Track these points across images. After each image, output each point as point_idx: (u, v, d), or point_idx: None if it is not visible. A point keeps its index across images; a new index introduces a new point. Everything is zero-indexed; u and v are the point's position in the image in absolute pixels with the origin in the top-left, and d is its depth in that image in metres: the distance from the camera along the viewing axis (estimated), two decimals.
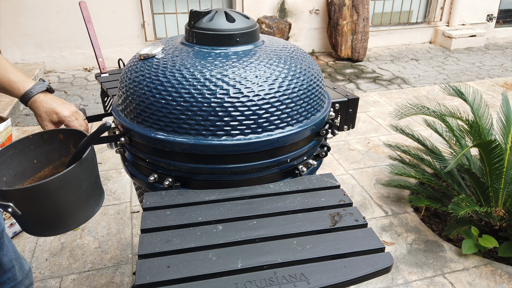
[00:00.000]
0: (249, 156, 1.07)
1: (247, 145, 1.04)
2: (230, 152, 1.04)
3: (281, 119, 1.08)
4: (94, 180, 0.93)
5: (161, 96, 1.04)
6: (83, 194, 0.88)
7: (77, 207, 0.88)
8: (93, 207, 0.93)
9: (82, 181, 0.87)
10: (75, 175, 0.84)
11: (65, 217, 0.87)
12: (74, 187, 0.85)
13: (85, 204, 0.90)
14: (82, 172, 0.86)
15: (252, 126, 1.04)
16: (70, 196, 0.85)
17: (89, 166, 0.89)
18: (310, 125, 1.14)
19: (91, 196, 0.92)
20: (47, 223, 0.86)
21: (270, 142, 1.06)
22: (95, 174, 0.93)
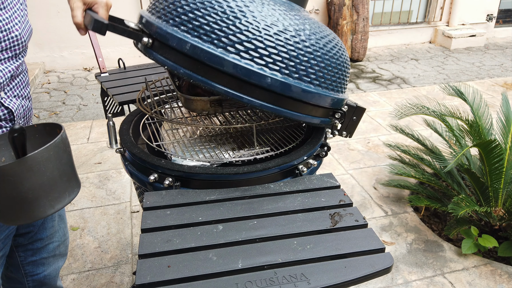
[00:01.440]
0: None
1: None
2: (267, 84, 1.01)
3: (316, 75, 1.07)
4: (47, 181, 0.87)
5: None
6: (28, 193, 0.85)
7: (21, 204, 0.85)
8: (45, 208, 0.88)
9: (23, 180, 0.83)
10: (12, 173, 0.81)
11: (12, 210, 0.86)
12: (13, 184, 0.82)
13: (32, 203, 0.87)
14: (22, 171, 0.82)
15: (290, 65, 1.03)
16: (9, 191, 0.83)
17: (36, 166, 0.84)
18: (332, 96, 1.14)
19: (40, 197, 0.87)
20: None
21: (300, 90, 1.04)
22: (50, 175, 0.88)
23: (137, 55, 5.26)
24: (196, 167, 1.16)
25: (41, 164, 0.85)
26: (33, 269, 1.35)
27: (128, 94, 1.65)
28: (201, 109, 1.27)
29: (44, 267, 1.37)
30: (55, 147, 0.86)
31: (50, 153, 0.85)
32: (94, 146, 3.30)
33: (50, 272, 1.39)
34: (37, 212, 0.87)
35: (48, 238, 1.34)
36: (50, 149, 0.85)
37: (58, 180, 0.90)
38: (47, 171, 0.87)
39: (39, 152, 0.83)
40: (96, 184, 2.80)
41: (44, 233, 1.32)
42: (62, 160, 0.89)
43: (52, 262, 1.38)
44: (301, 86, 1.06)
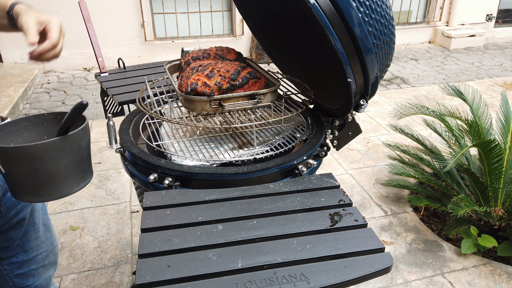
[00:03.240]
0: None
1: None
2: None
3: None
4: (78, 160, 0.93)
5: None
6: (63, 169, 0.90)
7: (54, 180, 0.90)
8: (72, 186, 0.94)
9: (63, 156, 0.88)
10: (55, 148, 0.86)
11: (42, 186, 0.90)
12: (54, 159, 0.87)
13: (63, 180, 0.91)
14: (63, 147, 0.87)
15: None
16: (48, 166, 0.87)
17: (73, 145, 0.90)
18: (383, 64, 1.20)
19: (71, 174, 0.92)
20: (25, 187, 0.90)
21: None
22: (81, 155, 0.94)
23: (136, 55, 5.26)
24: (196, 167, 1.16)
25: (77, 143, 0.91)
26: (23, 281, 1.32)
27: (128, 94, 1.65)
28: (200, 109, 1.27)
29: (35, 278, 1.34)
30: (86, 129, 0.92)
31: (83, 133, 0.91)
32: (94, 146, 3.30)
33: (41, 282, 1.36)
34: (65, 189, 0.93)
35: (34, 249, 1.30)
36: (84, 129, 0.91)
37: (85, 160, 0.96)
38: (80, 150, 0.93)
39: (77, 132, 0.89)
40: (96, 184, 2.80)
41: (28, 245, 1.28)
42: (88, 143, 0.96)
43: (43, 273, 1.35)
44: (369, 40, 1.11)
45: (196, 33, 5.44)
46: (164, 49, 5.31)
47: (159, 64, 1.98)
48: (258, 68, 1.48)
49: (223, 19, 5.49)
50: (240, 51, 1.63)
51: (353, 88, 1.17)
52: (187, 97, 1.26)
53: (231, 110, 1.29)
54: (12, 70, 4.65)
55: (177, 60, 1.61)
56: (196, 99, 1.25)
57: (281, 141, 1.37)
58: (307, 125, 1.46)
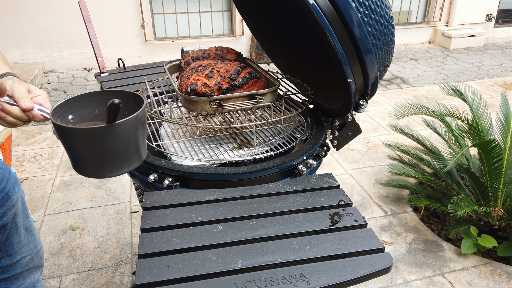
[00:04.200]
0: None
1: None
2: None
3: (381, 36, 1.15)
4: (124, 145, 0.96)
5: None
6: (110, 152, 0.94)
7: (112, 159, 0.95)
8: (125, 167, 0.98)
9: (109, 141, 0.92)
10: (100, 134, 0.90)
11: (102, 165, 0.95)
12: (100, 143, 0.91)
13: (109, 161, 0.95)
14: (107, 134, 0.90)
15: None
16: (106, 147, 0.92)
17: (124, 131, 0.92)
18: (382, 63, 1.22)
19: (117, 158, 0.96)
20: (81, 163, 0.95)
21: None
22: (133, 141, 0.97)
23: (136, 55, 5.26)
24: (196, 167, 1.17)
25: (125, 131, 0.94)
26: (7, 285, 1.30)
27: None
28: (200, 109, 1.27)
29: (19, 282, 1.32)
30: (132, 120, 0.93)
31: (130, 123, 0.93)
32: None
33: (26, 285, 1.35)
34: (143, 155, 1.00)
35: (17, 253, 1.28)
36: (130, 120, 0.92)
37: (142, 143, 1.00)
38: (141, 130, 0.98)
39: (122, 122, 0.91)
40: (95, 184, 2.80)
41: (12, 249, 1.26)
42: (138, 130, 0.97)
43: (27, 276, 1.33)
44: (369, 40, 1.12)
45: (196, 33, 5.44)
46: (164, 49, 5.31)
47: (159, 64, 1.98)
48: (258, 68, 1.48)
49: (223, 19, 5.49)
50: (240, 51, 1.63)
51: (353, 88, 1.17)
52: (187, 97, 1.26)
53: (231, 110, 1.29)
54: (12, 70, 4.65)
55: (177, 60, 1.61)
56: (196, 99, 1.25)
57: (281, 141, 1.37)
58: (307, 125, 1.46)
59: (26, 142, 3.37)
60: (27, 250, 1.32)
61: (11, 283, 1.30)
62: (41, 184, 2.80)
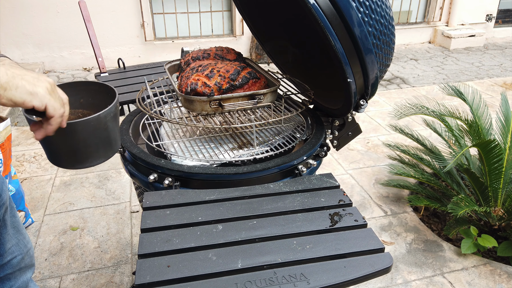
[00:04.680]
0: None
1: None
2: None
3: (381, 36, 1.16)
4: (94, 142, 1.01)
5: None
6: (78, 148, 0.99)
7: (87, 151, 1.00)
8: (100, 158, 1.05)
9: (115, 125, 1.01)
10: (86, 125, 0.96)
11: (61, 158, 1.01)
12: (66, 139, 0.96)
13: (94, 151, 1.02)
14: (90, 126, 0.96)
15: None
16: (65, 143, 0.97)
17: (97, 125, 0.98)
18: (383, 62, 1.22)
19: (100, 148, 1.03)
20: (61, 155, 1.01)
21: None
22: (106, 134, 1.02)
23: (136, 55, 5.26)
24: (196, 167, 1.17)
25: (117, 113, 1.04)
26: (1, 285, 1.31)
27: (127, 94, 1.65)
28: (200, 109, 1.27)
29: (11, 282, 1.32)
30: (106, 113, 0.99)
31: (102, 117, 0.98)
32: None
33: (18, 285, 1.35)
34: (110, 152, 1.07)
35: (7, 253, 1.28)
36: (103, 116, 0.98)
37: (117, 131, 1.07)
38: (117, 120, 1.05)
39: (105, 111, 0.98)
40: (95, 184, 2.80)
41: (2, 249, 1.26)
42: (110, 121, 1.03)
43: (19, 276, 1.33)
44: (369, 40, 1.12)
45: (196, 33, 5.44)
46: (164, 49, 5.31)
47: (159, 64, 1.98)
48: (258, 68, 1.48)
49: (223, 19, 5.49)
50: (240, 51, 1.63)
51: (353, 88, 1.17)
52: (187, 97, 1.26)
53: (231, 110, 1.29)
54: None
55: (177, 60, 1.61)
56: (196, 99, 1.25)
57: (281, 141, 1.37)
58: (307, 125, 1.46)
59: (26, 142, 3.37)
60: (18, 250, 1.31)
61: (3, 284, 1.30)
62: (41, 184, 2.80)
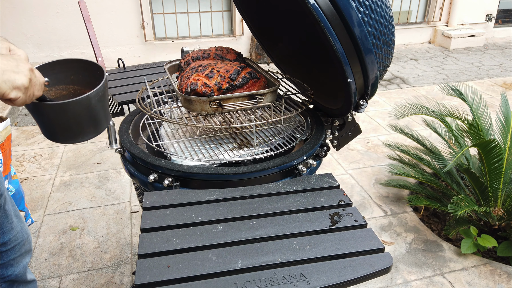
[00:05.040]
0: None
1: None
2: None
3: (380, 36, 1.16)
4: (86, 120, 1.05)
5: None
6: (70, 125, 1.03)
7: (79, 127, 1.04)
8: (91, 133, 1.08)
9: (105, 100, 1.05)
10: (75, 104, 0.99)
11: (56, 134, 1.05)
12: (58, 117, 1.00)
13: (85, 127, 1.05)
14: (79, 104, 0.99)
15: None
16: (57, 121, 1.01)
17: (72, 109, 1.01)
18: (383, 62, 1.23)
19: (90, 124, 1.06)
20: (52, 130, 1.05)
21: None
22: (95, 111, 1.05)
23: (136, 55, 5.26)
24: (196, 167, 1.17)
25: (106, 91, 1.08)
26: (3, 271, 1.36)
27: (127, 94, 1.65)
28: (200, 109, 1.27)
29: (14, 268, 1.39)
30: (92, 96, 1.02)
31: (89, 97, 1.01)
32: (93, 146, 3.30)
33: (20, 270, 1.41)
34: (100, 127, 1.09)
35: (11, 240, 1.33)
36: (91, 96, 1.01)
37: (107, 108, 1.10)
38: (106, 98, 1.09)
39: (94, 91, 1.01)
40: (95, 184, 2.80)
41: (6, 237, 1.32)
42: (99, 99, 1.06)
43: (20, 261, 1.39)
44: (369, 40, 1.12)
45: (196, 33, 5.44)
46: (164, 49, 5.31)
47: (159, 64, 1.98)
48: (258, 68, 1.48)
49: (223, 19, 5.49)
50: (240, 51, 1.63)
51: (353, 88, 1.17)
52: (186, 97, 1.26)
53: (231, 110, 1.29)
54: None
55: (177, 60, 1.61)
56: (195, 99, 1.25)
57: (281, 141, 1.37)
58: (307, 125, 1.46)
59: (26, 142, 3.37)
60: (20, 237, 1.37)
61: (7, 270, 1.36)
62: (41, 184, 2.80)
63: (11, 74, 0.84)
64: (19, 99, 0.86)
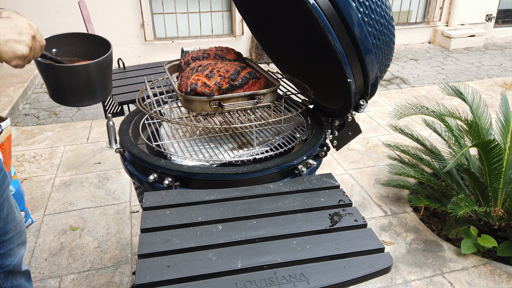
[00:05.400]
0: None
1: None
2: None
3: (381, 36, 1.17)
4: (93, 84, 1.13)
5: None
6: (79, 87, 1.11)
7: (86, 91, 1.12)
8: (96, 98, 1.16)
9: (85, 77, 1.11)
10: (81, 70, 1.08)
11: (66, 96, 1.12)
12: (70, 79, 1.08)
13: (92, 92, 1.13)
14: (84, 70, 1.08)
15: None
16: (68, 83, 1.09)
17: (83, 73, 1.09)
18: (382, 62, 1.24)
19: (97, 89, 1.14)
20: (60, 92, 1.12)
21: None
22: (102, 78, 1.14)
23: (136, 55, 5.26)
24: (196, 167, 1.17)
25: (112, 61, 1.17)
26: (2, 261, 1.38)
27: (127, 94, 1.65)
28: (200, 109, 1.27)
29: (11, 258, 1.41)
30: (97, 63, 1.11)
31: (96, 65, 1.10)
32: (93, 146, 3.30)
33: (17, 261, 1.43)
34: (104, 94, 1.17)
35: (12, 230, 1.37)
36: (97, 64, 1.10)
37: (111, 78, 1.19)
38: (111, 68, 1.19)
39: (104, 58, 1.11)
40: (95, 184, 2.80)
41: (8, 226, 1.35)
42: (105, 68, 1.15)
43: (17, 252, 1.41)
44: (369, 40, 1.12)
45: (196, 33, 5.45)
46: (164, 49, 5.31)
47: (159, 64, 1.98)
48: (258, 68, 1.48)
49: (223, 19, 5.49)
50: (240, 51, 1.63)
51: (353, 88, 1.17)
52: (186, 97, 1.26)
53: (231, 110, 1.29)
54: (12, 70, 4.65)
55: (177, 60, 1.61)
56: (195, 99, 1.25)
57: (281, 141, 1.37)
58: (307, 125, 1.46)
59: (26, 142, 3.37)
60: (19, 227, 1.40)
61: (5, 260, 1.38)
62: (41, 184, 2.80)
63: (13, 44, 0.90)
64: (19, 66, 0.95)
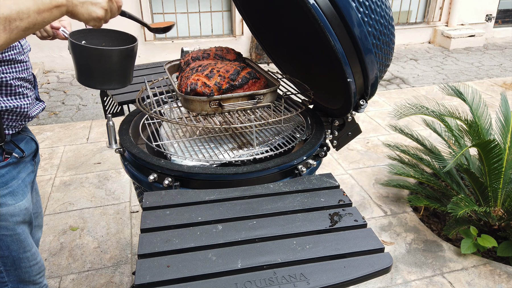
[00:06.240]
0: None
1: None
2: None
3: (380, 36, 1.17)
4: (124, 71, 1.24)
5: None
6: (109, 71, 1.20)
7: (113, 75, 1.21)
8: (119, 83, 1.25)
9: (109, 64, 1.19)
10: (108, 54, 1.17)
11: (94, 78, 1.21)
12: (105, 62, 1.18)
13: (117, 77, 1.23)
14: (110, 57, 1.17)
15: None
16: (101, 64, 1.18)
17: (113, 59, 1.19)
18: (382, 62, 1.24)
19: (122, 75, 1.24)
20: (87, 74, 1.20)
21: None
22: (129, 65, 1.26)
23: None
24: (196, 167, 1.17)
25: (136, 53, 1.27)
26: (39, 234, 1.49)
27: (127, 94, 1.65)
28: (200, 109, 1.27)
29: (38, 233, 1.50)
30: (123, 51, 1.20)
31: (121, 54, 1.20)
32: (93, 146, 3.30)
33: (39, 236, 1.51)
34: (126, 81, 1.27)
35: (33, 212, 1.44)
36: (122, 52, 1.20)
37: (133, 68, 1.30)
38: (135, 59, 1.29)
39: (132, 46, 1.22)
40: (95, 184, 2.80)
41: (35, 209, 1.43)
42: (127, 59, 1.25)
43: (35, 234, 1.47)
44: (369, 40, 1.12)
45: (195, 33, 5.45)
46: (164, 49, 5.31)
47: (159, 64, 1.98)
48: (258, 68, 1.48)
49: (223, 19, 5.49)
50: (239, 51, 1.63)
51: (353, 88, 1.17)
52: (186, 97, 1.26)
53: (231, 110, 1.29)
54: None
55: (177, 60, 1.61)
56: (195, 99, 1.25)
57: (281, 141, 1.37)
58: (307, 125, 1.46)
59: None
60: (36, 208, 1.49)
61: (37, 233, 1.49)
62: (41, 184, 2.80)
63: (89, 6, 0.97)
64: (96, 26, 1.03)
